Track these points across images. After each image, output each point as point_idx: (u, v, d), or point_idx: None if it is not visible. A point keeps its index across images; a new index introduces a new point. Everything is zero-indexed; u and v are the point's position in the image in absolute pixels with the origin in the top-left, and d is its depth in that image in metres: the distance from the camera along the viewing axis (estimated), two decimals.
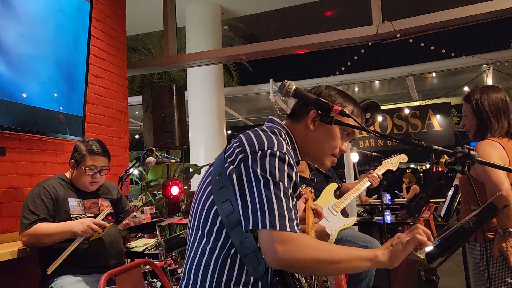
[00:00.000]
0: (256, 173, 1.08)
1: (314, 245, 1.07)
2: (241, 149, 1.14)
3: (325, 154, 1.34)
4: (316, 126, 1.31)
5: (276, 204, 1.05)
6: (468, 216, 1.40)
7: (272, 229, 1.03)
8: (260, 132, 1.18)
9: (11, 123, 2.64)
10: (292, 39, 4.69)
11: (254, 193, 1.07)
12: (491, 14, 4.01)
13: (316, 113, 1.30)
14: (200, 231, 1.17)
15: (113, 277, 1.89)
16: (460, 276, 4.29)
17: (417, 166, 28.30)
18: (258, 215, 1.04)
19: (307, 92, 1.33)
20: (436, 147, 1.36)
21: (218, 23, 6.64)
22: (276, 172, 1.09)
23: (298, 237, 1.06)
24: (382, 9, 4.38)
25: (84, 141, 2.45)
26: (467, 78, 8.56)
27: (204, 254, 1.14)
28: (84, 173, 2.34)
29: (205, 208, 1.17)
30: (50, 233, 2.13)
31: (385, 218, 4.28)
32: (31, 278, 2.72)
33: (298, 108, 1.35)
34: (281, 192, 1.07)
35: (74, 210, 2.30)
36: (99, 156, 2.37)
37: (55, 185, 2.33)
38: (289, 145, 1.23)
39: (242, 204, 1.08)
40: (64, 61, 3.11)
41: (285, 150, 1.14)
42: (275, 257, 1.02)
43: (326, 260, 1.05)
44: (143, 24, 6.85)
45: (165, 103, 3.93)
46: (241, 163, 1.11)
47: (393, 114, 9.96)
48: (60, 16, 3.07)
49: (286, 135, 1.26)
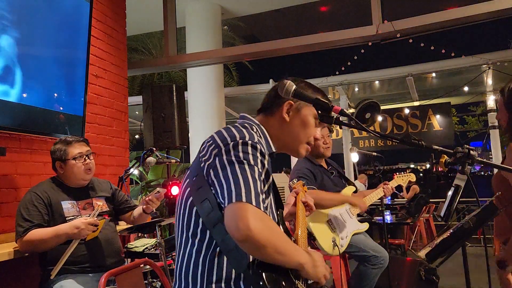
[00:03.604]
0: (230, 160, 1.11)
1: (278, 233, 1.09)
2: (214, 146, 1.17)
3: (301, 143, 1.38)
4: (291, 117, 1.35)
5: (252, 182, 1.07)
6: (468, 216, 1.41)
7: (248, 202, 1.04)
8: (231, 128, 1.21)
9: (11, 123, 2.64)
10: (292, 39, 4.69)
11: (229, 176, 1.09)
12: (491, 14, 4.01)
13: (290, 104, 1.35)
14: (185, 234, 1.19)
15: (113, 277, 1.90)
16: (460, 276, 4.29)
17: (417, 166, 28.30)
18: (233, 190, 1.06)
19: (307, 92, 1.34)
20: (436, 147, 1.36)
21: (218, 23, 6.64)
22: (249, 157, 1.12)
23: (269, 218, 1.08)
24: (382, 9, 4.38)
25: (56, 141, 2.42)
26: (467, 78, 8.56)
27: (191, 257, 1.16)
28: (75, 164, 2.32)
29: (187, 210, 1.19)
30: (45, 239, 2.11)
31: (385, 218, 4.28)
32: (31, 278, 2.72)
33: (270, 102, 1.38)
34: (256, 174, 1.10)
35: (69, 213, 2.28)
36: (77, 142, 2.37)
37: (47, 189, 2.30)
38: (261, 138, 1.26)
39: (220, 189, 1.10)
40: (64, 61, 3.11)
41: (257, 140, 1.17)
42: (246, 228, 1.01)
43: (279, 251, 1.07)
44: (143, 24, 6.85)
45: (165, 103, 3.93)
46: (216, 157, 1.14)
47: (393, 114, 9.97)
48: (60, 16, 3.07)
49: (258, 129, 1.30)
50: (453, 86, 9.22)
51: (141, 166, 3.41)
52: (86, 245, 2.23)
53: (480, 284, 1.97)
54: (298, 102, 1.36)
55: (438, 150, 1.39)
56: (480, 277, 2.00)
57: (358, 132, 10.04)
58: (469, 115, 14.73)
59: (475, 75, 8.19)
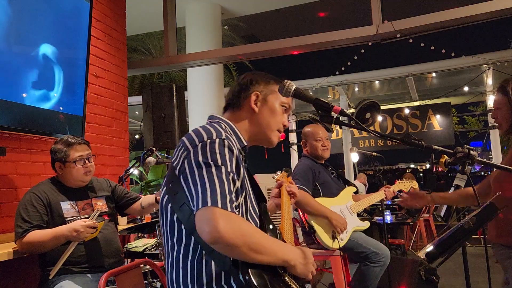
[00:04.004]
0: (198, 162, 1.13)
1: (250, 231, 1.09)
2: (183, 149, 1.19)
3: (272, 131, 1.41)
4: (259, 107, 1.38)
5: (218, 185, 1.09)
6: (468, 216, 1.41)
7: (213, 205, 1.05)
8: (199, 128, 1.23)
9: (11, 123, 2.64)
10: (292, 39, 4.69)
11: (196, 180, 1.11)
12: (491, 14, 4.01)
13: (256, 95, 1.37)
14: (170, 242, 1.20)
15: (112, 277, 1.89)
16: (460, 276, 4.29)
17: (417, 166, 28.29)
18: (200, 196, 1.08)
19: (307, 92, 1.34)
20: (436, 147, 1.37)
21: (218, 23, 6.64)
22: (217, 157, 1.13)
23: (238, 218, 1.09)
24: (382, 9, 4.38)
25: (57, 141, 2.39)
26: (467, 78, 8.56)
27: (179, 263, 1.17)
28: (74, 167, 2.31)
29: (168, 217, 1.20)
30: (44, 240, 2.10)
31: (385, 218, 4.28)
32: (31, 278, 2.72)
33: (236, 97, 1.40)
34: (223, 175, 1.11)
35: (68, 213, 2.27)
36: (79, 145, 2.35)
37: (46, 190, 2.29)
38: (231, 134, 1.30)
39: (189, 195, 1.12)
40: (64, 61, 3.11)
41: (224, 136, 1.19)
42: (214, 230, 1.03)
43: (254, 249, 1.07)
44: (143, 24, 6.84)
45: (165, 103, 3.93)
46: (185, 160, 1.16)
47: (393, 114, 9.97)
48: (60, 16, 3.07)
49: (226, 125, 1.32)
50: (453, 86, 9.22)
51: (141, 166, 3.41)
52: (85, 245, 2.23)
53: (480, 284, 1.97)
54: (264, 92, 1.38)
55: (438, 150, 1.39)
56: (480, 277, 2.00)
57: (358, 132, 10.04)
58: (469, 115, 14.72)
59: (475, 75, 8.19)
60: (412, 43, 4.50)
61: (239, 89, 1.40)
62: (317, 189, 3.08)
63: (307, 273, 1.20)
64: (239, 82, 1.42)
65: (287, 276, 1.18)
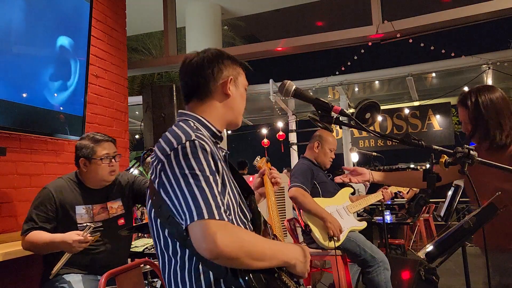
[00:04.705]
0: (175, 174, 1.08)
1: (249, 239, 1.07)
2: (157, 161, 1.14)
3: (241, 114, 1.38)
4: (232, 91, 1.32)
5: (200, 196, 1.04)
6: (467, 216, 1.40)
7: (205, 218, 1.02)
8: (167, 134, 1.18)
9: (11, 123, 2.64)
10: (292, 39, 4.70)
11: (178, 194, 1.07)
12: (491, 14, 4.02)
13: (230, 80, 1.30)
14: (166, 255, 1.17)
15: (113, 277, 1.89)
16: (460, 276, 4.29)
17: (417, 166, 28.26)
18: (191, 208, 1.04)
19: (307, 92, 1.34)
20: (436, 147, 1.37)
21: (218, 23, 6.64)
22: (192, 163, 1.08)
23: (234, 228, 1.07)
24: (382, 9, 4.39)
25: (83, 137, 2.31)
26: (467, 78, 8.56)
27: (177, 275, 1.14)
28: (100, 165, 2.22)
29: (160, 232, 1.17)
30: (40, 244, 2.08)
31: (385, 218, 4.29)
32: (31, 278, 2.72)
33: (202, 85, 1.29)
34: (202, 182, 1.06)
35: (81, 219, 2.21)
36: (106, 142, 2.26)
37: (64, 190, 2.22)
38: (201, 129, 1.24)
39: (174, 208, 1.08)
40: (64, 61, 3.11)
41: (194, 136, 1.13)
42: (213, 246, 1.00)
43: (256, 258, 1.06)
44: (143, 24, 6.84)
45: (165, 103, 3.93)
46: (161, 173, 1.11)
47: (393, 114, 9.98)
48: (60, 16, 3.07)
49: (194, 121, 1.26)
50: (453, 86, 9.22)
51: (141, 166, 3.41)
52: (98, 245, 2.19)
53: (480, 284, 1.97)
54: (234, 75, 1.33)
55: (438, 150, 1.39)
56: (480, 277, 2.00)
57: (358, 132, 10.04)
58: None
59: (475, 75, 8.19)
60: (412, 43, 4.51)
61: (208, 73, 1.28)
62: (316, 188, 3.12)
63: (305, 271, 1.20)
64: (204, 64, 1.29)
65: (284, 274, 1.17)
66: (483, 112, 1.84)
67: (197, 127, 1.23)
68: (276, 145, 9.85)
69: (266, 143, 9.88)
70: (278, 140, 9.79)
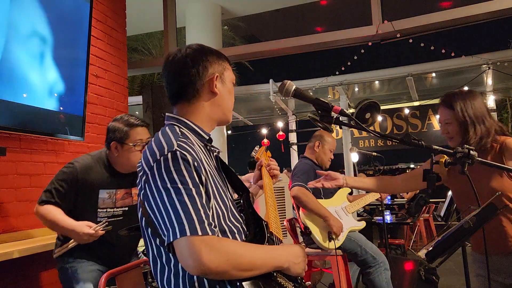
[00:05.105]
0: (158, 188, 1.07)
1: (236, 251, 1.05)
2: (142, 172, 1.13)
3: (230, 110, 1.34)
4: (219, 88, 1.27)
5: (181, 211, 1.02)
6: (467, 216, 1.40)
7: (182, 236, 1.00)
8: (152, 143, 1.16)
9: (11, 123, 2.64)
10: (292, 39, 4.70)
11: (161, 209, 1.05)
12: (491, 14, 4.02)
13: (216, 77, 1.26)
14: (159, 262, 1.15)
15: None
16: (460, 276, 4.29)
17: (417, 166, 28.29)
18: (174, 224, 1.02)
19: (307, 92, 1.34)
20: (436, 147, 1.37)
21: (218, 23, 6.65)
22: (174, 176, 1.06)
23: (219, 241, 1.04)
24: (382, 9, 4.39)
25: (117, 118, 2.20)
26: (467, 78, 8.55)
27: (171, 282, 1.13)
28: (133, 150, 2.11)
29: (152, 240, 1.16)
30: (51, 222, 2.03)
31: (385, 218, 4.29)
32: (31, 278, 2.72)
33: (186, 85, 1.24)
34: (185, 196, 1.04)
35: (103, 203, 2.15)
36: (141, 127, 2.17)
37: (91, 171, 2.12)
38: (189, 134, 1.21)
39: (157, 223, 1.07)
40: (64, 61, 3.11)
41: (176, 146, 1.10)
42: (199, 264, 0.99)
43: (244, 269, 1.04)
44: (143, 24, 6.85)
45: (165, 103, 3.93)
46: (146, 185, 1.10)
47: (393, 114, 9.98)
48: (60, 16, 3.07)
49: (181, 125, 1.23)
50: (453, 86, 9.21)
51: None
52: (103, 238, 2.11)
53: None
54: (220, 70, 1.28)
55: (438, 150, 1.39)
56: None
57: (358, 132, 10.05)
58: None
59: (475, 75, 8.19)
60: (412, 43, 4.51)
61: (194, 72, 1.23)
62: (317, 188, 3.10)
63: (301, 271, 1.19)
64: (188, 63, 1.23)
65: (280, 276, 1.16)
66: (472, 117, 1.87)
67: (183, 132, 1.20)
68: (276, 145, 9.86)
69: (266, 143, 9.88)
70: (278, 140, 9.80)
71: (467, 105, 1.89)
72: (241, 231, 1.23)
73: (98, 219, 2.14)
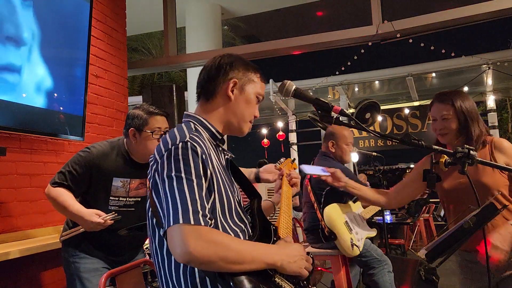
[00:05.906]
0: (163, 175, 1.10)
1: (224, 243, 1.05)
2: (153, 161, 1.17)
3: (245, 121, 1.34)
4: (235, 95, 1.30)
5: (179, 200, 1.05)
6: (467, 216, 1.41)
7: (181, 223, 1.02)
8: (166, 136, 1.19)
9: (11, 123, 2.64)
10: (292, 39, 4.70)
11: (162, 197, 1.09)
12: (491, 14, 4.01)
13: (235, 83, 1.29)
14: (159, 254, 1.17)
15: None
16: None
17: None
18: (170, 212, 1.05)
19: (307, 92, 1.34)
20: (436, 147, 1.37)
21: (218, 23, 6.64)
22: (180, 165, 1.09)
23: (209, 232, 1.05)
24: (382, 9, 4.38)
25: (137, 106, 2.19)
26: (467, 78, 8.55)
27: (172, 273, 1.14)
28: (150, 138, 2.08)
29: (156, 231, 1.18)
30: (61, 205, 2.01)
31: (385, 218, 4.29)
32: (31, 278, 2.72)
33: (209, 83, 1.31)
34: (185, 186, 1.06)
35: (116, 192, 2.13)
36: (160, 115, 2.15)
37: (108, 159, 2.10)
38: (203, 131, 1.24)
39: (161, 211, 1.10)
40: (64, 61, 3.11)
41: (188, 138, 1.13)
42: (185, 251, 1.00)
43: (232, 261, 1.05)
44: (143, 24, 6.85)
45: (165, 103, 3.93)
46: (155, 173, 1.14)
47: (393, 114, 9.97)
48: (60, 16, 3.07)
49: (196, 122, 1.27)
50: (453, 86, 9.21)
51: None
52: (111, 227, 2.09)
53: None
54: (242, 80, 1.31)
55: (438, 150, 1.39)
56: None
57: (358, 132, 10.04)
58: None
59: (475, 75, 8.18)
60: (412, 43, 4.50)
61: (215, 73, 1.30)
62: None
63: (299, 270, 1.17)
64: (215, 65, 1.32)
65: (279, 276, 1.15)
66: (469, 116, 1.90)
67: (197, 129, 1.24)
68: (276, 145, 9.85)
69: (266, 143, 9.88)
70: (278, 140, 9.80)
71: (465, 104, 1.92)
72: (245, 232, 1.24)
73: (109, 207, 2.12)
